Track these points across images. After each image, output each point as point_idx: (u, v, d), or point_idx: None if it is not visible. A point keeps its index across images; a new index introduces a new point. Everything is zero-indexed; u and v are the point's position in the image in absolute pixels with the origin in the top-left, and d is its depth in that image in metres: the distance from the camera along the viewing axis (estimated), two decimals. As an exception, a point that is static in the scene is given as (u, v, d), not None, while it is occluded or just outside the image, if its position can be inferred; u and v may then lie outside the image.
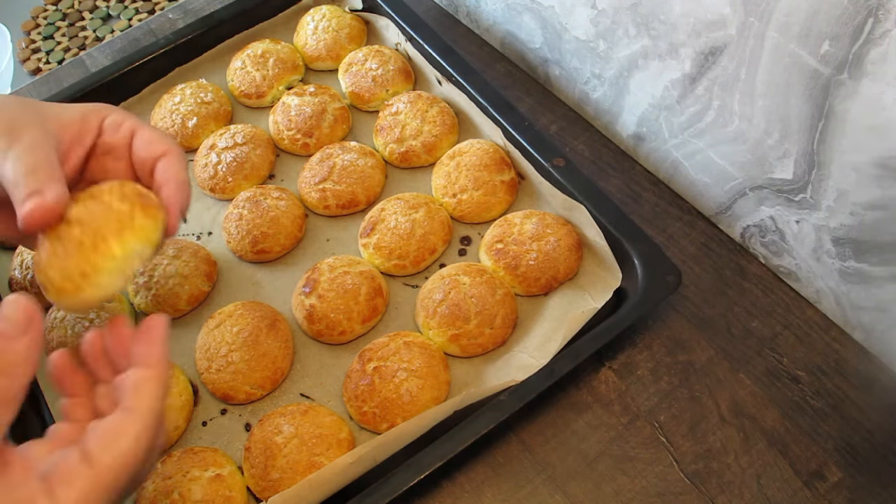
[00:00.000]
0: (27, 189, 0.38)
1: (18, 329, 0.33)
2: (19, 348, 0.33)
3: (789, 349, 0.60)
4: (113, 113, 0.47)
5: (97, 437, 0.35)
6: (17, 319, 0.33)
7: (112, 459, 0.34)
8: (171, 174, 0.45)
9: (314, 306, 0.60)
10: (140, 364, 0.37)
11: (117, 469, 0.34)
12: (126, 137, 0.46)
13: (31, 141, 0.40)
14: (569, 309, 0.60)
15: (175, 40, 0.79)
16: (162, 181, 0.45)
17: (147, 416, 0.36)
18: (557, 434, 0.57)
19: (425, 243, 0.63)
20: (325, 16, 0.81)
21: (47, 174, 0.39)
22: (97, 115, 0.46)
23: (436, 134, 0.70)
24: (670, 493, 0.54)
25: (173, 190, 0.45)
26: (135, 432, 0.35)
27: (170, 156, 0.46)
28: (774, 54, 0.51)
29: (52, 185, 0.39)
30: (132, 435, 0.35)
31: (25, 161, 0.39)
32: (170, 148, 0.46)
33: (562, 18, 0.71)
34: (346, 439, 0.55)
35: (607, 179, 0.71)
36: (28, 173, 0.39)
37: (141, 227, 0.41)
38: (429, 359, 0.57)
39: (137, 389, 0.36)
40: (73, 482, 0.33)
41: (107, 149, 0.46)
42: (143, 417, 0.36)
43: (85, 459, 0.34)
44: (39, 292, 0.63)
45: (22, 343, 0.33)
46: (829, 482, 0.54)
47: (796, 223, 0.59)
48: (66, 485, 0.33)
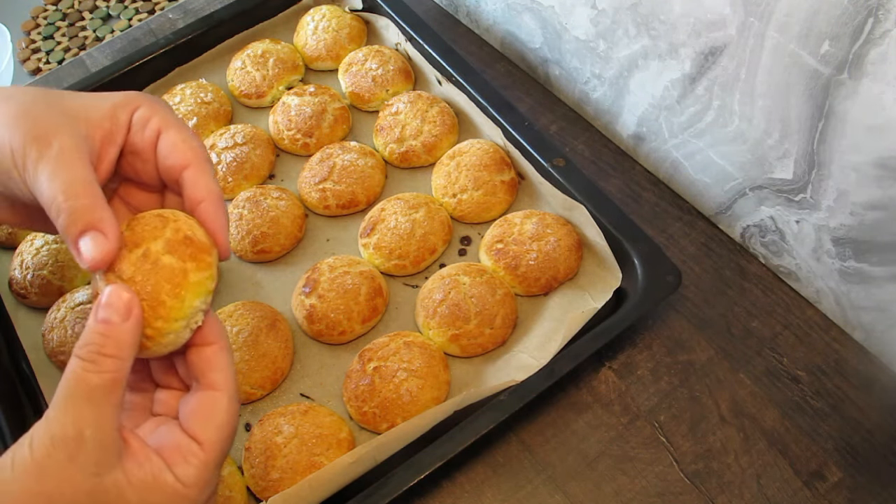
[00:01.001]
0: (78, 225, 0.37)
1: (121, 315, 0.36)
2: (125, 332, 0.36)
3: (789, 349, 0.60)
4: (142, 106, 0.43)
5: (196, 418, 0.38)
6: (119, 306, 0.36)
7: (215, 434, 0.38)
8: (204, 190, 0.42)
9: (314, 306, 0.60)
10: (206, 342, 0.40)
11: (221, 442, 0.38)
12: (152, 139, 0.43)
13: (62, 150, 0.38)
14: (569, 309, 0.60)
15: (175, 40, 0.79)
16: (196, 198, 0.42)
17: (230, 388, 0.39)
18: (557, 434, 0.57)
19: (425, 243, 0.63)
20: (325, 16, 0.81)
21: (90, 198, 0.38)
22: (127, 109, 0.43)
23: (436, 134, 0.70)
24: (670, 493, 0.54)
25: (212, 210, 0.42)
26: (225, 406, 0.39)
27: (196, 167, 0.42)
28: (774, 54, 0.51)
29: (103, 214, 0.37)
30: (225, 408, 0.39)
31: (62, 178, 0.37)
32: (195, 157, 0.43)
33: (562, 18, 0.71)
34: (346, 439, 0.55)
35: (607, 179, 0.71)
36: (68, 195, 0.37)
37: (197, 282, 0.39)
38: (429, 359, 0.57)
39: (213, 364, 0.39)
40: (190, 461, 0.37)
41: (134, 148, 0.43)
42: (227, 390, 0.39)
43: (193, 439, 0.38)
44: (40, 292, 0.63)
45: (126, 327, 0.36)
46: (829, 482, 0.54)
47: (796, 223, 0.59)
48: (184, 464, 0.37)
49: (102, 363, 0.35)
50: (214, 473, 0.38)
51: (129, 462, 0.36)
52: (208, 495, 0.38)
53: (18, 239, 0.68)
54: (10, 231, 0.68)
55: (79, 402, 0.34)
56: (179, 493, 0.36)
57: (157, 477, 0.36)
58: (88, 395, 0.35)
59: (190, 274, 0.39)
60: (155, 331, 0.38)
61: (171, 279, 0.38)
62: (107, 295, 0.36)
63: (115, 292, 0.36)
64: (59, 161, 0.38)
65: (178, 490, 0.36)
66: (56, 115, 0.40)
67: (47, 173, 0.37)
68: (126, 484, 0.35)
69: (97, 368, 0.35)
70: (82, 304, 0.61)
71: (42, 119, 0.39)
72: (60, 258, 0.64)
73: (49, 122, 0.39)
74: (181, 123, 0.44)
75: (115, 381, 0.35)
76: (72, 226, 0.37)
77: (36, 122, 0.39)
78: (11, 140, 0.38)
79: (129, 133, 0.43)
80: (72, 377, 0.35)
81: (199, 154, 0.43)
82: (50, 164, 0.38)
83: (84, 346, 0.35)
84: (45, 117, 0.39)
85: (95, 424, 0.34)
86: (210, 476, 0.38)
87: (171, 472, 0.36)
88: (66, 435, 0.34)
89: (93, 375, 0.35)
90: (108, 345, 0.35)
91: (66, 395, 0.35)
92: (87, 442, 0.34)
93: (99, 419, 0.35)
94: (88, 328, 0.36)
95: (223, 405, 0.39)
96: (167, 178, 0.43)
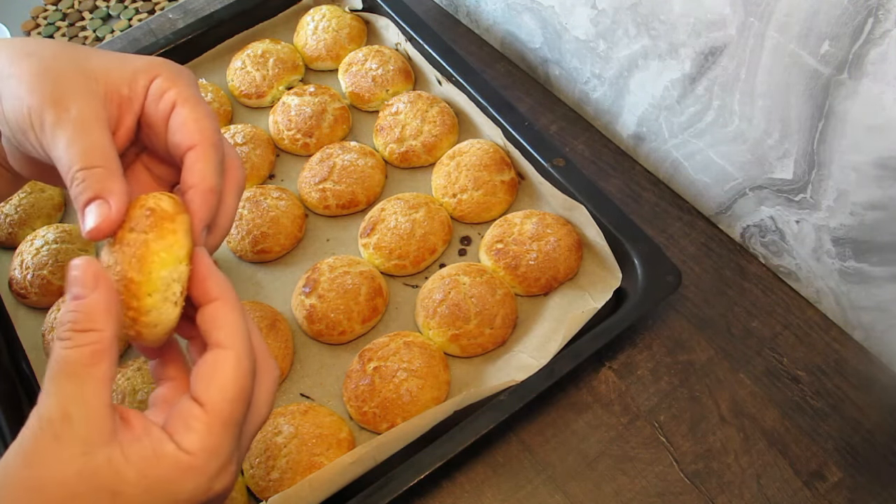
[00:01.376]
0: (88, 193, 0.36)
1: (89, 286, 0.34)
2: (94, 301, 0.34)
3: (789, 349, 0.60)
4: (163, 74, 0.40)
5: (198, 379, 0.35)
6: (84, 279, 0.34)
7: (219, 394, 0.35)
8: (196, 178, 0.39)
9: (314, 306, 0.60)
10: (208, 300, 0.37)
11: (228, 402, 0.35)
12: (166, 112, 0.40)
13: (80, 115, 0.37)
14: (569, 309, 0.60)
15: (175, 40, 0.79)
16: (188, 182, 0.40)
17: (237, 344, 0.36)
18: (557, 434, 0.57)
19: (425, 243, 0.63)
20: (325, 16, 0.81)
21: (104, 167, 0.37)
22: (147, 75, 0.40)
23: (436, 134, 0.70)
24: (670, 493, 0.54)
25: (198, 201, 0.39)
26: (232, 363, 0.35)
27: (199, 150, 0.40)
28: (774, 54, 0.51)
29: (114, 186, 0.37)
30: (230, 365, 0.35)
31: (79, 145, 0.36)
32: (202, 138, 0.40)
33: (562, 18, 0.71)
34: (346, 439, 0.55)
35: (607, 179, 0.71)
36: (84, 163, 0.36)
37: (160, 250, 0.37)
38: (429, 359, 0.57)
39: (217, 321, 0.37)
40: (192, 425, 0.34)
41: (148, 120, 0.41)
42: (234, 346, 0.36)
43: (195, 402, 0.34)
44: (39, 292, 0.63)
45: (95, 296, 0.34)
46: (829, 482, 0.54)
47: (796, 223, 0.59)
48: (185, 430, 0.34)
49: (77, 338, 0.33)
50: (225, 439, 0.35)
51: (126, 438, 0.33)
52: (222, 464, 0.35)
53: (18, 239, 0.68)
54: (10, 231, 0.68)
55: (60, 379, 0.33)
56: (182, 462, 0.33)
57: (157, 449, 0.33)
58: (69, 371, 0.33)
59: (151, 244, 0.37)
60: (135, 311, 0.37)
61: (135, 254, 0.37)
62: (70, 270, 0.35)
63: (80, 267, 0.35)
64: (77, 126, 0.37)
65: (180, 459, 0.33)
66: (76, 76, 0.38)
67: (65, 139, 0.37)
68: (122, 461, 0.33)
69: (73, 343, 0.33)
70: (82, 304, 0.61)
71: (62, 79, 0.38)
72: (60, 258, 0.64)
73: (68, 82, 0.38)
74: (198, 99, 0.41)
75: (94, 353, 0.33)
76: (81, 194, 0.36)
77: (56, 83, 0.38)
78: (30, 100, 0.37)
79: (145, 101, 0.40)
80: (53, 357, 0.34)
81: (208, 136, 0.40)
82: (68, 130, 0.37)
83: (59, 327, 0.34)
84: (65, 77, 0.38)
85: (79, 400, 0.33)
86: (219, 441, 0.34)
87: (171, 442, 0.33)
88: (51, 415, 0.32)
89: (70, 351, 0.33)
90: (79, 319, 0.34)
91: (49, 377, 0.33)
92: (73, 419, 0.32)
93: (83, 394, 0.33)
94: (62, 310, 0.35)
95: (229, 363, 0.35)
96: (174, 154, 0.41)
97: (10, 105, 0.38)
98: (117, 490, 0.32)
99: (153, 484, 0.33)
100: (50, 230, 0.66)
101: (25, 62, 0.39)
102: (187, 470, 0.33)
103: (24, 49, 0.40)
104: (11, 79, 0.38)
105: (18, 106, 0.38)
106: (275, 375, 0.39)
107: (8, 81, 0.39)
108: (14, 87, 0.38)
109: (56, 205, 0.71)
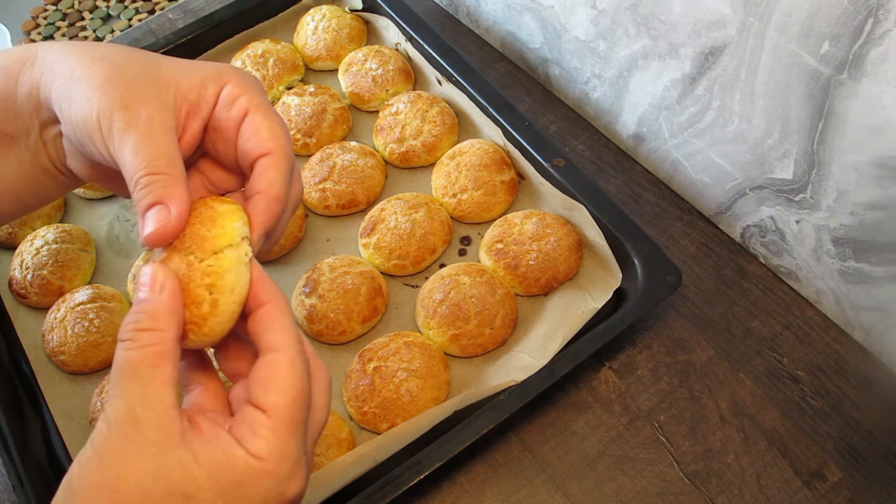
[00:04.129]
0: (150, 198, 0.36)
1: (155, 289, 0.35)
2: (158, 303, 0.35)
3: (789, 349, 0.60)
4: (233, 81, 0.41)
5: (256, 385, 0.35)
6: (151, 283, 0.35)
7: (279, 397, 0.35)
8: (265, 184, 0.39)
9: (314, 306, 0.60)
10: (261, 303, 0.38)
11: (290, 405, 0.35)
12: (237, 118, 0.40)
13: (150, 121, 0.37)
14: (569, 309, 0.60)
15: (175, 40, 0.78)
16: (255, 188, 0.40)
17: (289, 346, 0.36)
18: (557, 434, 0.57)
19: (425, 243, 0.63)
20: (325, 16, 0.81)
21: (169, 174, 0.37)
22: (217, 82, 0.41)
23: (436, 134, 0.70)
24: (670, 493, 0.54)
25: (262, 207, 0.40)
26: (286, 365, 0.36)
27: (273, 158, 0.40)
28: (774, 54, 0.51)
29: (176, 192, 0.37)
30: (285, 368, 0.36)
31: (147, 152, 0.37)
32: (277, 147, 0.40)
33: (562, 18, 0.71)
34: (346, 439, 0.55)
35: (607, 179, 0.71)
36: (149, 169, 0.37)
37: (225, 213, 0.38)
38: (429, 359, 0.57)
39: (268, 325, 0.37)
40: (258, 431, 0.34)
41: (217, 125, 0.41)
42: (285, 348, 0.36)
43: (258, 408, 0.35)
44: (40, 292, 0.63)
45: (160, 298, 0.35)
46: (829, 482, 0.54)
47: (796, 223, 0.59)
48: (253, 437, 0.34)
49: (140, 338, 0.34)
50: (291, 442, 0.35)
51: (195, 440, 0.33)
52: (292, 467, 0.35)
53: (18, 239, 0.68)
54: (11, 231, 0.68)
55: (125, 382, 0.33)
56: (254, 467, 0.33)
57: (227, 452, 0.33)
58: (133, 372, 0.33)
59: (216, 206, 0.38)
60: (214, 274, 0.36)
61: (202, 222, 0.38)
62: (141, 275, 0.36)
63: (148, 272, 0.36)
64: (146, 132, 0.37)
65: (251, 465, 0.33)
66: (147, 82, 0.39)
67: (132, 144, 0.37)
68: (193, 462, 0.33)
69: (136, 344, 0.34)
70: (82, 304, 0.61)
71: (133, 85, 0.38)
72: (60, 258, 0.64)
73: (140, 88, 0.38)
74: (270, 107, 0.41)
75: (157, 353, 0.34)
76: (143, 199, 0.37)
77: (127, 88, 0.38)
78: (100, 103, 0.38)
79: (214, 108, 0.41)
80: (116, 361, 0.34)
81: (282, 145, 0.40)
82: (136, 135, 0.37)
83: (122, 328, 0.34)
84: (136, 83, 0.38)
85: (146, 402, 0.33)
86: (285, 445, 0.34)
87: (241, 447, 0.34)
88: (119, 418, 0.33)
89: (133, 353, 0.34)
90: (142, 320, 0.34)
91: (114, 380, 0.34)
92: (140, 421, 0.32)
93: (149, 396, 0.33)
94: (126, 316, 0.35)
95: (284, 366, 0.35)
96: (243, 161, 0.41)
97: (79, 107, 0.38)
98: (189, 494, 0.33)
99: (226, 488, 0.33)
100: (50, 230, 0.66)
101: (97, 66, 0.39)
102: (260, 474, 0.34)
103: (95, 53, 0.40)
104: (82, 81, 0.38)
105: (88, 109, 0.38)
106: (328, 377, 0.40)
107: (78, 84, 0.39)
108: (84, 89, 0.38)
109: (56, 205, 0.71)
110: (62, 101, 0.39)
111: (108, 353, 0.60)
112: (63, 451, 0.56)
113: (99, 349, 0.60)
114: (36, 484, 0.53)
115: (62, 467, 0.56)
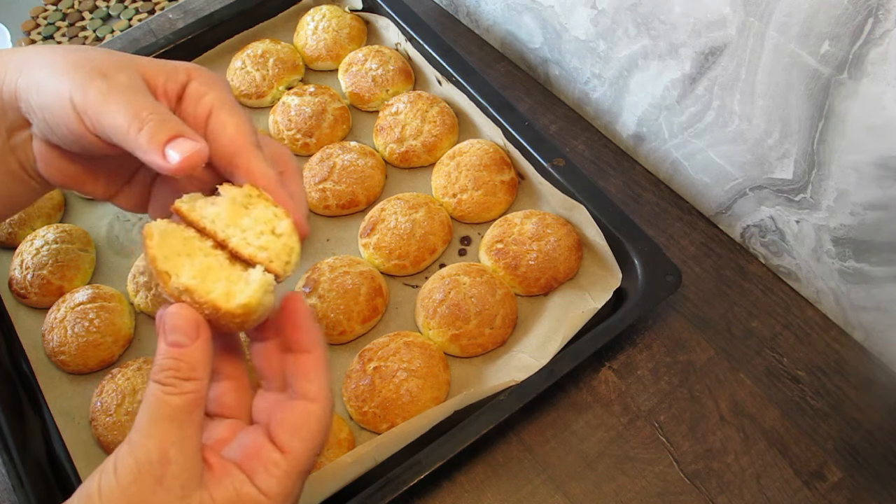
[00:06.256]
0: (165, 133, 0.36)
1: (190, 336, 0.36)
2: (196, 351, 0.36)
3: (789, 349, 0.60)
4: (198, 78, 0.41)
5: (285, 427, 0.37)
6: (185, 328, 0.36)
7: (302, 445, 0.37)
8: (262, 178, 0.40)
9: (314, 306, 0.60)
10: (303, 350, 0.39)
11: (308, 453, 0.37)
12: (203, 115, 0.40)
13: (127, 82, 0.38)
14: (569, 309, 0.60)
15: (175, 40, 0.79)
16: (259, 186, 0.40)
17: (324, 399, 0.38)
18: (557, 434, 0.57)
19: (425, 243, 0.63)
20: (326, 16, 0.81)
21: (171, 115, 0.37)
22: (185, 71, 0.41)
23: (436, 134, 0.70)
24: (670, 493, 0.54)
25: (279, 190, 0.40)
26: (318, 417, 0.38)
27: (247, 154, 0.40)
28: (774, 54, 0.51)
29: (186, 129, 0.37)
30: (316, 419, 0.38)
31: (139, 101, 0.37)
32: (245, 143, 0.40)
33: (562, 18, 0.71)
34: (346, 439, 0.55)
35: (607, 179, 0.71)
36: (151, 110, 0.37)
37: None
38: (429, 359, 0.57)
39: (309, 374, 0.38)
40: (272, 471, 0.36)
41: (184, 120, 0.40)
42: (321, 401, 0.38)
43: (277, 448, 0.37)
44: (40, 292, 0.63)
45: (197, 346, 0.36)
46: (829, 482, 0.54)
47: (796, 223, 0.59)
48: (265, 474, 0.36)
49: (181, 385, 0.35)
50: (298, 482, 0.37)
51: (211, 480, 0.36)
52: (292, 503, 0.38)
53: (18, 239, 0.68)
54: (11, 231, 0.68)
55: (163, 423, 0.35)
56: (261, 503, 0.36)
57: (239, 490, 0.36)
58: (171, 416, 0.35)
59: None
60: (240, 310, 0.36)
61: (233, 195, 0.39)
62: (170, 317, 0.36)
63: (177, 313, 0.36)
64: (129, 89, 0.38)
65: (259, 501, 0.36)
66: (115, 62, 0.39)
67: (120, 101, 0.37)
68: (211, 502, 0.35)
69: (177, 391, 0.35)
70: (82, 304, 0.61)
71: (102, 64, 0.39)
72: (60, 258, 0.64)
73: (108, 66, 0.39)
74: (235, 104, 0.41)
75: (194, 401, 0.35)
76: (158, 134, 0.36)
77: (96, 66, 0.38)
78: (71, 80, 0.38)
79: (181, 101, 0.41)
80: (153, 400, 0.35)
81: (251, 140, 0.40)
82: (120, 92, 0.37)
83: (160, 371, 0.35)
84: (104, 63, 0.39)
85: (179, 445, 0.35)
86: (293, 485, 0.37)
87: (252, 485, 0.36)
88: (150, 458, 0.34)
89: (173, 398, 0.35)
90: (182, 368, 0.35)
91: (149, 419, 0.35)
92: (172, 464, 0.34)
93: (183, 440, 0.35)
94: (160, 353, 0.36)
95: (315, 416, 0.38)
96: (216, 161, 0.40)
97: (50, 90, 0.39)
98: None
99: None
100: (50, 230, 0.66)
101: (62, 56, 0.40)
102: None
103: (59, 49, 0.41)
104: (51, 67, 0.39)
105: (59, 87, 0.38)
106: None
107: (47, 70, 0.39)
108: (54, 73, 0.39)
109: (56, 205, 0.71)
110: (31, 91, 0.39)
111: (108, 353, 0.60)
112: (63, 451, 0.56)
113: (99, 349, 0.60)
114: (36, 484, 0.53)
115: (62, 467, 0.56)
